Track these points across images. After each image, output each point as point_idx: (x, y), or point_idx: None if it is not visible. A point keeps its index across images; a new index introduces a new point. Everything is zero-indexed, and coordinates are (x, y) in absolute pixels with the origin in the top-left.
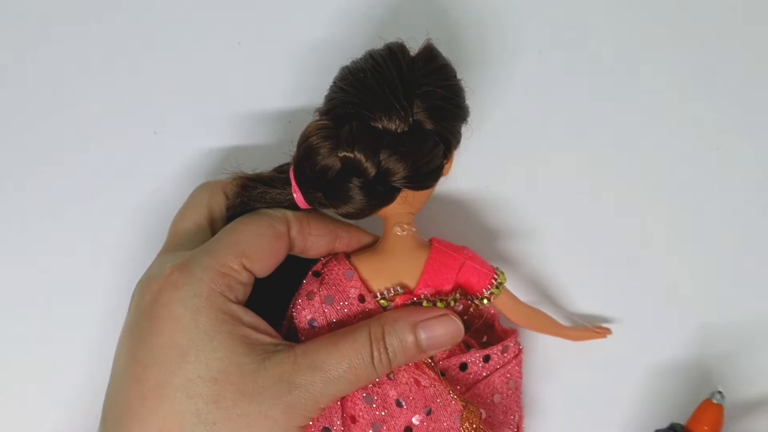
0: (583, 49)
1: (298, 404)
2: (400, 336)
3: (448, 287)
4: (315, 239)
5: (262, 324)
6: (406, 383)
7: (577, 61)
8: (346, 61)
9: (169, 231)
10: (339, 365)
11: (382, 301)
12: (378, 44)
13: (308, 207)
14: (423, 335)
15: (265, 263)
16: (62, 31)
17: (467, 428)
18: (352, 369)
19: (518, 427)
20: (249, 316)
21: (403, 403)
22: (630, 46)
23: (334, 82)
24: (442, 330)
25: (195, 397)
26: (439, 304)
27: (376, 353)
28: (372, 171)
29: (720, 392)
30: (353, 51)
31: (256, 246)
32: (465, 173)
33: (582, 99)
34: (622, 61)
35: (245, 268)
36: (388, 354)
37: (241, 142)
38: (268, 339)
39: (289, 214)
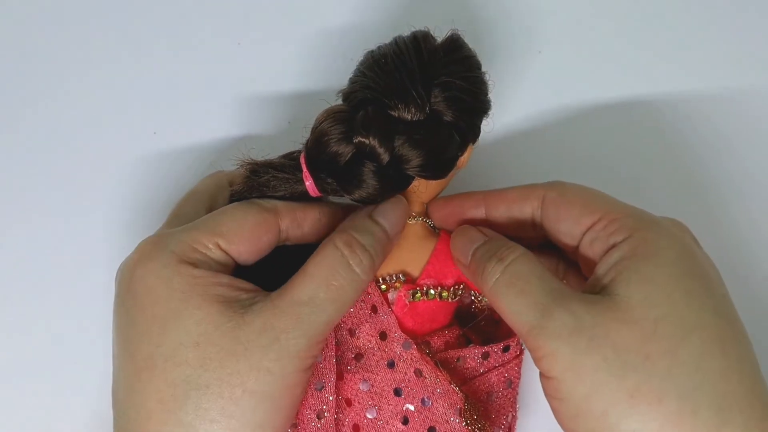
0: (583, 49)
1: (290, 347)
2: (367, 228)
3: (450, 281)
4: (311, 226)
5: (240, 282)
6: (406, 373)
7: (577, 61)
8: (360, 51)
9: (169, 214)
10: (318, 289)
11: (382, 286)
12: (406, 31)
13: (319, 195)
14: (380, 219)
15: (244, 249)
16: (62, 31)
17: (468, 417)
18: (332, 287)
19: (510, 428)
20: (223, 277)
21: (402, 392)
22: (631, 45)
23: (358, 66)
24: (391, 206)
25: (182, 364)
26: (443, 294)
27: (349, 254)
28: (386, 157)
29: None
30: (366, 41)
31: (237, 230)
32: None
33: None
34: (623, 60)
35: (220, 248)
36: (366, 249)
37: (249, 131)
38: (245, 294)
39: (280, 204)
